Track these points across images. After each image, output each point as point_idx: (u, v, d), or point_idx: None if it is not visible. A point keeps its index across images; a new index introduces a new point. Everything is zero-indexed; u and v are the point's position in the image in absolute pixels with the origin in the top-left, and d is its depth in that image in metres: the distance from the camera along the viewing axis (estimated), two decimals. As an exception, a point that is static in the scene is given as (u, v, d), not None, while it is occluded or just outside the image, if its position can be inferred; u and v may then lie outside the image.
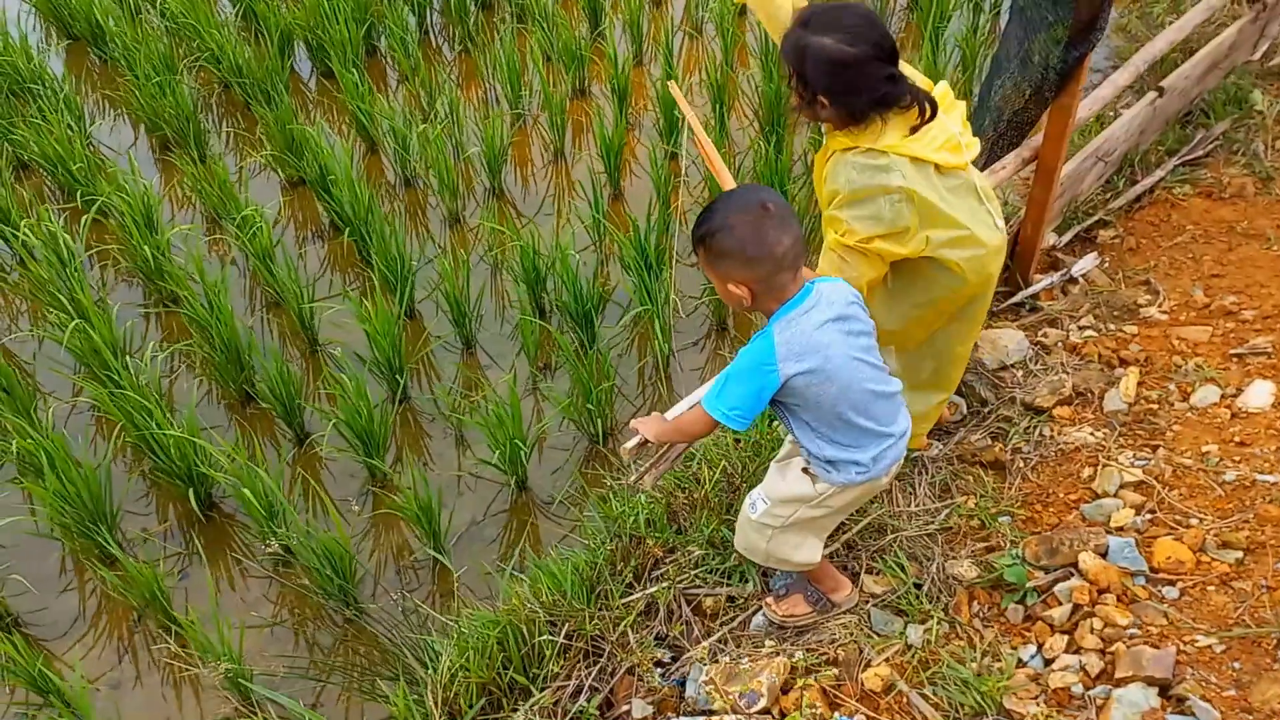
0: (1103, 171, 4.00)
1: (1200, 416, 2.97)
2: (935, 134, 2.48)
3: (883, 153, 2.42)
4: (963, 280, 2.62)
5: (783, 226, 2.12)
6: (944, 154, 2.50)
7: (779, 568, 2.67)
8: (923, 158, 2.45)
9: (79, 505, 3.45)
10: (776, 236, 2.11)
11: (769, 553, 2.59)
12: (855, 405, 2.26)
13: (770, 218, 2.11)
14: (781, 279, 2.17)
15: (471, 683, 2.71)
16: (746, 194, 2.20)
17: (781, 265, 2.14)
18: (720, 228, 2.13)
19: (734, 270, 2.16)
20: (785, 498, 2.47)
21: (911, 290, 2.69)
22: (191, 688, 3.34)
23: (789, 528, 2.51)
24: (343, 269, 4.85)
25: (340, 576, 3.30)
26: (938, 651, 2.53)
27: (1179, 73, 4.11)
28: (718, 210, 2.16)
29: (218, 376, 4.13)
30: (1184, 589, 2.46)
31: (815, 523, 2.51)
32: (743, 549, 2.68)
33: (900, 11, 6.24)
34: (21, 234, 4.48)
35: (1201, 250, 3.70)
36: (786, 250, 2.12)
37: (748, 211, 2.12)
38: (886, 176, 2.42)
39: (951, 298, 2.68)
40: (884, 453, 2.33)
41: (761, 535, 2.56)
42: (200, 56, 5.85)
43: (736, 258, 2.14)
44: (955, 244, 2.56)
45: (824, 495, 2.40)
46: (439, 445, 4.07)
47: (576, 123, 5.60)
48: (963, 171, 2.57)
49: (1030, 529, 2.80)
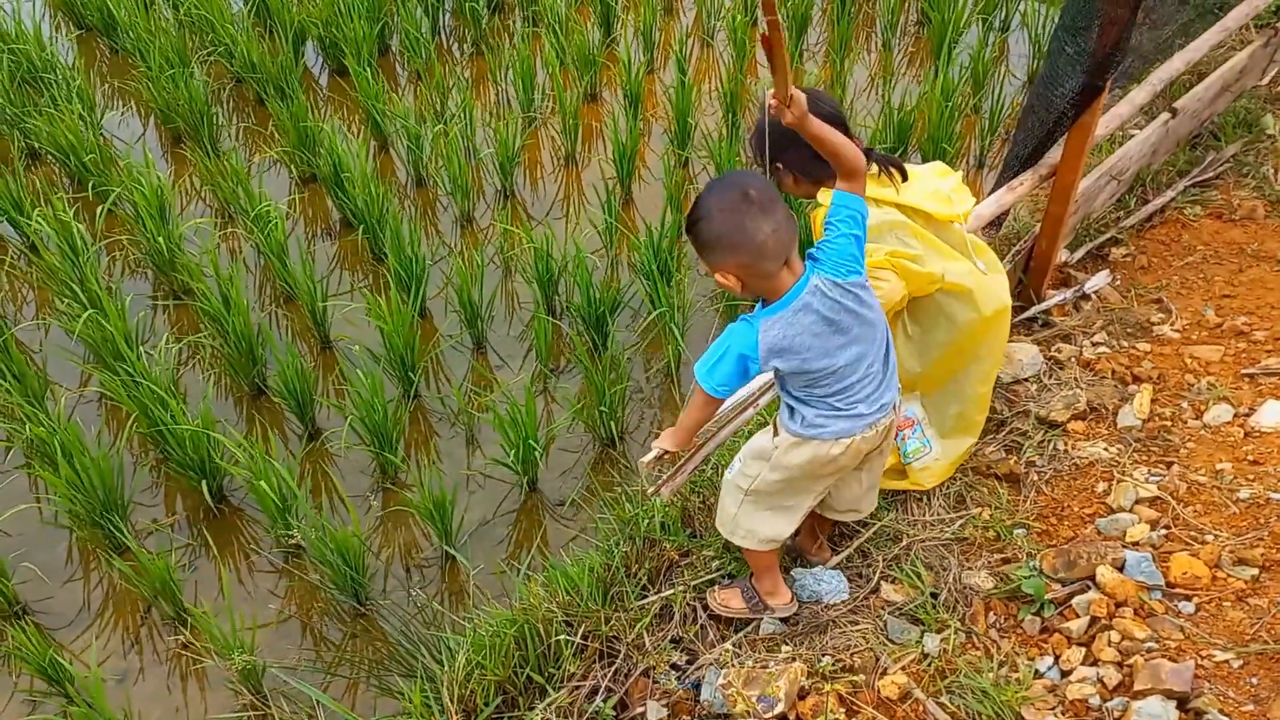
0: (1115, 190, 4.05)
1: (1214, 434, 3.00)
2: (918, 188, 2.72)
3: (875, 201, 2.64)
4: (978, 312, 2.78)
5: (764, 214, 2.11)
6: (931, 203, 2.71)
7: (743, 543, 2.69)
8: (912, 205, 2.68)
9: (90, 494, 3.44)
10: (757, 225, 2.11)
11: (737, 521, 2.64)
12: (828, 389, 2.36)
13: (751, 205, 2.11)
14: (766, 267, 2.17)
15: (488, 680, 2.72)
16: (729, 181, 2.20)
17: (764, 254, 2.14)
18: (702, 217, 2.16)
19: (718, 259, 2.18)
20: (753, 453, 2.59)
21: (935, 330, 2.85)
22: (199, 680, 3.34)
23: (756, 494, 2.58)
24: (352, 266, 4.86)
25: (354, 571, 3.30)
26: (954, 661, 2.55)
27: (1191, 95, 4.16)
28: (703, 199, 2.18)
29: (230, 370, 4.13)
30: (1200, 604, 2.48)
31: (777, 491, 2.56)
32: (719, 522, 2.75)
33: (911, 28, 6.29)
34: (34, 223, 4.47)
35: (1212, 270, 3.74)
36: (768, 238, 2.12)
37: (728, 200, 2.13)
38: (884, 214, 2.66)
39: (971, 333, 2.82)
40: (843, 426, 2.39)
41: (734, 499, 2.63)
42: (213, 51, 5.85)
43: (718, 247, 2.16)
44: (964, 274, 2.75)
45: (779, 450, 2.49)
46: (448, 444, 4.08)
47: (588, 127, 5.62)
48: (955, 224, 2.78)
49: (1046, 542, 2.82)
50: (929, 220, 2.71)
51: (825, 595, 2.85)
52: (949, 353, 2.89)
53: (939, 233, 2.74)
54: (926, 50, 6.01)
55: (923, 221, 2.70)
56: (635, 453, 3.96)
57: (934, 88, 5.01)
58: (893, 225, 2.67)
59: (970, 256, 2.80)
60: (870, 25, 6.32)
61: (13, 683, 3.32)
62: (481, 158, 5.31)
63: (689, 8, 6.59)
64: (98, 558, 3.64)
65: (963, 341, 2.84)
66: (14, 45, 5.57)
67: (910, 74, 5.96)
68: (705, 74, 6.05)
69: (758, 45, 6.08)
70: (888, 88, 5.49)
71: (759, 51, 6.07)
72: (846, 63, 5.63)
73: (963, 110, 5.19)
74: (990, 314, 2.80)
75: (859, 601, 2.83)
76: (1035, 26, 5.70)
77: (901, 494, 3.11)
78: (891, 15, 6.07)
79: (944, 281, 2.72)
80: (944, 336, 2.85)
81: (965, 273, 2.75)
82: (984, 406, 3.04)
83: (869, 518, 3.06)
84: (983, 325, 2.81)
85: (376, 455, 3.80)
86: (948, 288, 2.74)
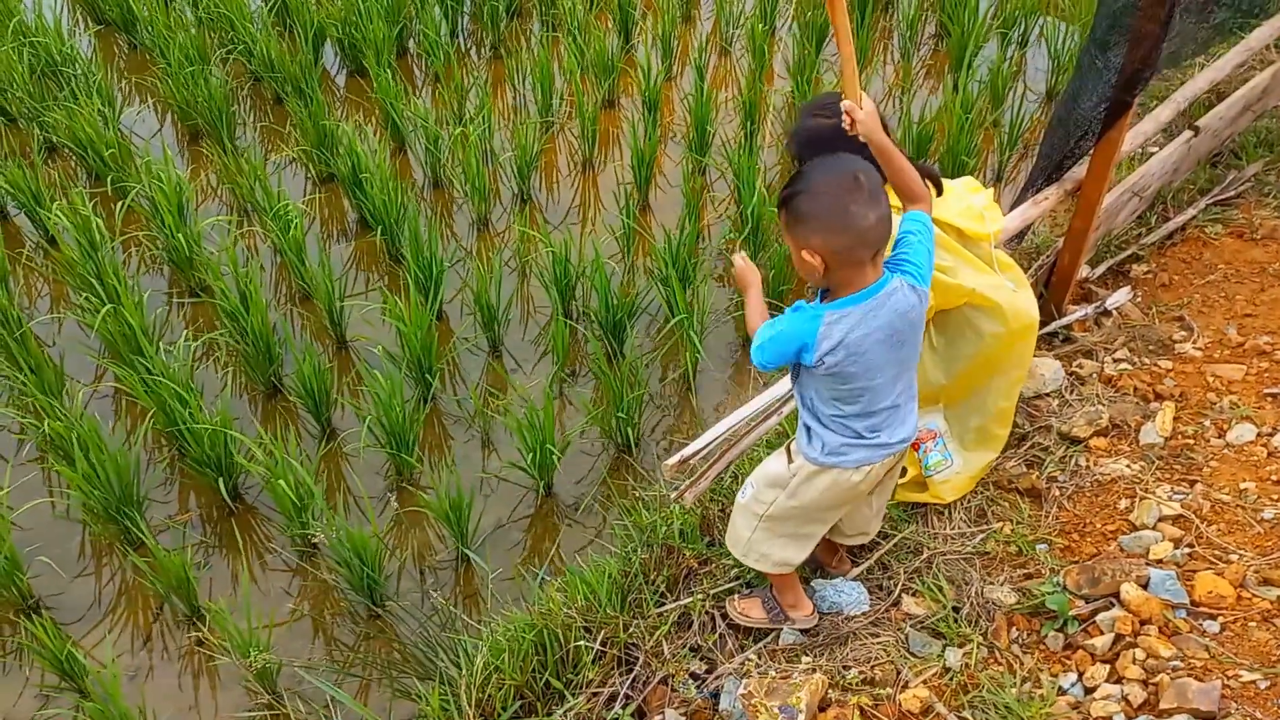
0: (1136, 207, 4.04)
1: (1237, 454, 2.99)
2: (954, 202, 2.72)
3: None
4: (1005, 326, 2.79)
5: (871, 202, 2.07)
6: (964, 220, 2.72)
7: (756, 565, 2.68)
8: (946, 220, 2.67)
9: (106, 489, 3.44)
10: (862, 211, 2.06)
11: (750, 544, 2.63)
12: (858, 409, 2.32)
13: (860, 190, 2.06)
14: (859, 255, 2.12)
15: (506, 685, 2.71)
16: (840, 163, 2.13)
17: (863, 241, 2.10)
18: (806, 190, 2.10)
19: (811, 237, 2.11)
20: (767, 480, 2.55)
21: (961, 342, 2.86)
22: (212, 677, 3.33)
23: (771, 520, 2.56)
24: (368, 267, 4.85)
25: (371, 571, 3.29)
26: (976, 676, 2.54)
27: (1214, 113, 4.15)
28: (808, 174, 2.12)
29: (246, 368, 4.13)
30: (1225, 624, 2.47)
31: (794, 518, 2.54)
32: (729, 541, 2.73)
33: (929, 40, 6.30)
34: (53, 216, 4.47)
35: (1234, 289, 3.74)
36: (870, 227, 2.08)
37: (838, 180, 2.08)
38: None
39: (997, 347, 2.83)
40: (864, 455, 2.37)
41: (748, 523, 2.61)
42: (233, 49, 5.86)
43: (817, 224, 2.10)
44: (993, 288, 2.76)
45: (796, 477, 2.45)
46: (464, 446, 4.07)
47: (605, 133, 5.62)
48: (986, 242, 2.78)
49: (1068, 558, 2.81)
50: (960, 236, 2.72)
51: (846, 607, 2.84)
52: (974, 365, 2.90)
53: (970, 249, 2.74)
54: (945, 63, 6.01)
55: (954, 237, 2.70)
56: (651, 459, 3.95)
57: (953, 101, 5.01)
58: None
59: (998, 273, 2.81)
60: (888, 37, 6.33)
61: (24, 677, 3.31)
62: (500, 161, 5.30)
63: (707, 15, 6.60)
64: (112, 553, 3.64)
65: (989, 354, 2.85)
66: (35, 39, 5.58)
67: (929, 86, 5.96)
68: (723, 82, 6.05)
69: (776, 54, 6.10)
70: (907, 99, 5.49)
71: (776, 59, 6.08)
72: (865, 74, 5.63)
73: (982, 123, 5.19)
74: (1017, 328, 2.81)
75: (880, 614, 2.82)
76: (1055, 42, 5.70)
77: (922, 506, 3.10)
78: (910, 28, 6.07)
79: (973, 295, 2.72)
80: (970, 349, 2.85)
81: (994, 287, 2.75)
82: (1006, 421, 3.04)
83: (889, 529, 3.06)
84: (1009, 339, 2.82)
85: (393, 456, 3.79)
86: (976, 301, 2.75)
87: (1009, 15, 6.00)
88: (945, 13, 6.11)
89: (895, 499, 3.07)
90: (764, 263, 4.48)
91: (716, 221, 5.03)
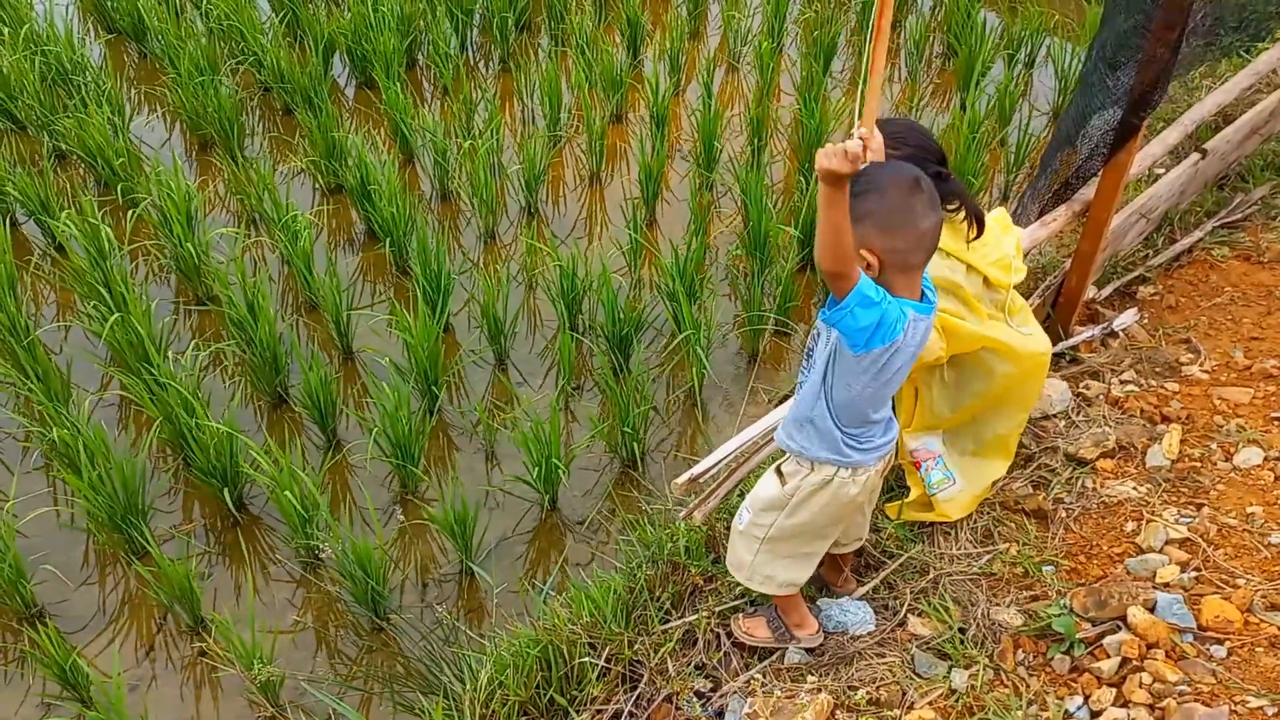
0: (1144, 229, 4.05)
1: (1244, 477, 2.99)
2: (990, 249, 2.73)
3: (944, 252, 2.64)
4: (1017, 366, 2.83)
5: (931, 206, 2.10)
6: (996, 270, 2.75)
7: (761, 588, 2.68)
8: (977, 267, 2.70)
9: (112, 498, 3.44)
10: (924, 212, 2.09)
11: (754, 568, 2.62)
12: (865, 413, 2.34)
13: (922, 194, 2.08)
14: (915, 259, 2.14)
15: (510, 700, 2.70)
16: (902, 167, 2.17)
17: (921, 244, 2.11)
18: (873, 188, 2.09)
19: (871, 235, 2.09)
20: (762, 504, 2.55)
21: (973, 380, 2.88)
22: (214, 688, 3.32)
23: (773, 542, 2.55)
24: (376, 278, 4.86)
25: (376, 584, 3.29)
26: (982, 698, 2.53)
27: (1221, 136, 4.17)
28: (872, 173, 2.11)
29: (253, 378, 4.13)
30: (1232, 649, 2.47)
31: (795, 537, 2.54)
32: (731, 565, 2.72)
33: (936, 60, 6.32)
34: (62, 224, 4.48)
35: (1240, 312, 3.74)
36: (928, 231, 2.10)
37: (903, 180, 2.09)
38: (950, 270, 2.67)
39: (1007, 385, 2.88)
40: (860, 457, 2.39)
41: (748, 548, 2.61)
42: (243, 59, 5.89)
43: (879, 222, 2.09)
44: (1007, 335, 2.81)
45: (792, 497, 2.46)
46: (469, 459, 4.07)
47: (613, 147, 5.64)
48: (1005, 291, 2.81)
49: (1074, 580, 2.81)
50: (986, 282, 2.75)
51: (851, 626, 2.83)
52: (980, 401, 2.95)
53: (992, 296, 2.78)
54: (951, 82, 6.04)
55: (981, 283, 2.74)
56: (657, 474, 3.95)
57: (960, 120, 5.03)
58: (952, 286, 2.69)
59: (1011, 321, 2.86)
60: (895, 57, 6.35)
61: (27, 685, 3.31)
62: (508, 174, 5.32)
63: (714, 32, 6.63)
64: (116, 562, 3.63)
65: (997, 392, 2.90)
66: (45, 46, 5.60)
67: (935, 105, 5.98)
68: (731, 98, 6.07)
69: (783, 71, 6.12)
70: (915, 118, 5.51)
71: (783, 77, 6.11)
72: (872, 92, 5.64)
73: (988, 143, 5.21)
74: (1030, 366, 2.87)
75: (886, 634, 2.81)
76: (1062, 63, 5.72)
77: (928, 526, 3.10)
78: (917, 47, 6.10)
79: (988, 340, 2.77)
80: (980, 386, 2.89)
81: (1008, 334, 2.80)
82: (1003, 447, 3.07)
83: (895, 550, 3.06)
84: (1020, 377, 2.88)
85: (398, 468, 3.79)
86: (990, 345, 2.79)
87: (1015, 36, 6.03)
88: (952, 33, 6.14)
89: (903, 519, 3.07)
90: (771, 280, 4.49)
91: (723, 237, 5.04)
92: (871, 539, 3.07)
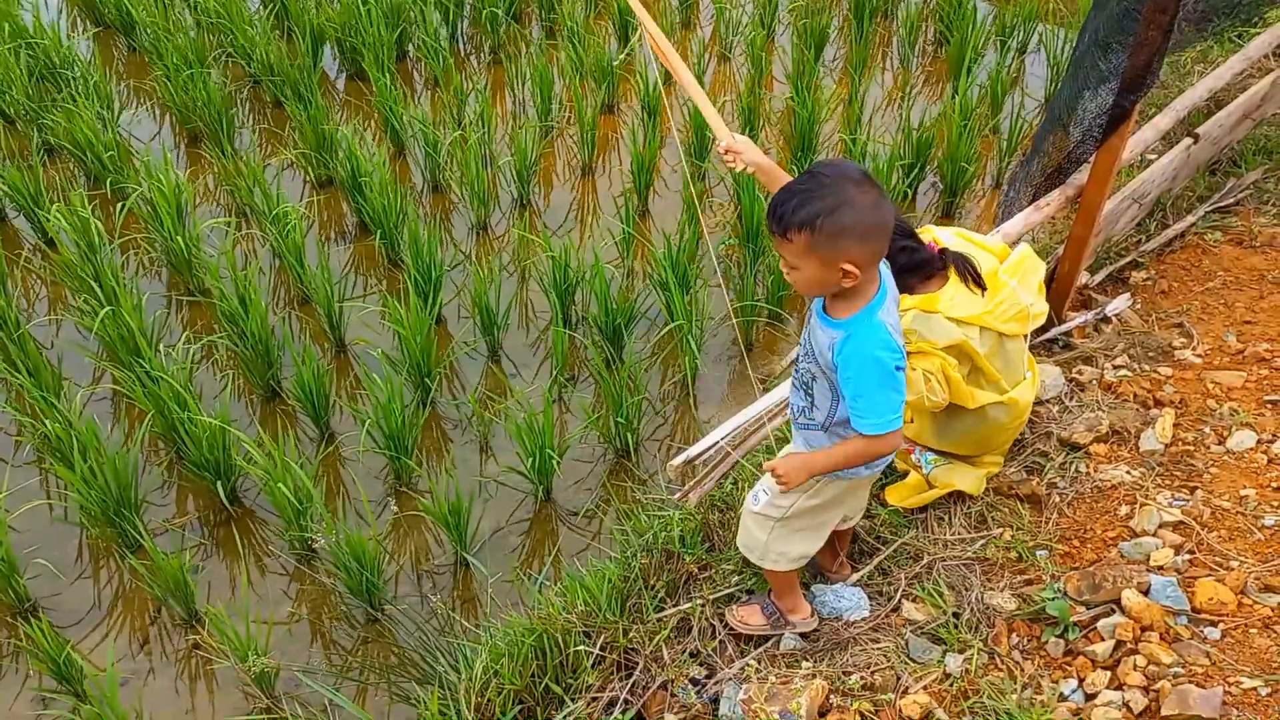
0: (1136, 214, 4.05)
1: (1237, 461, 2.99)
2: (1008, 305, 2.77)
3: (959, 321, 2.70)
4: (1012, 419, 2.94)
5: (884, 195, 2.06)
6: (1013, 326, 2.79)
7: (774, 566, 2.67)
8: (996, 329, 2.76)
9: (104, 492, 3.42)
10: (885, 204, 2.04)
11: (768, 547, 2.62)
12: None
13: (875, 187, 2.03)
14: (883, 248, 2.11)
15: (505, 689, 2.69)
16: (844, 167, 2.07)
17: (888, 234, 2.09)
18: (840, 204, 1.99)
19: (852, 247, 2.02)
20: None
21: (965, 418, 2.93)
22: (209, 681, 3.32)
23: (788, 519, 2.56)
24: (367, 271, 4.85)
25: (370, 575, 3.28)
26: (977, 681, 2.53)
27: (1214, 121, 4.16)
28: (822, 187, 2.01)
29: (245, 371, 4.12)
30: (1226, 630, 2.47)
31: (814, 515, 2.56)
32: (743, 545, 2.72)
33: (929, 47, 6.31)
34: (52, 217, 4.46)
35: (1233, 296, 3.74)
36: (891, 219, 2.07)
37: (857, 185, 2.01)
38: (966, 333, 2.72)
39: (997, 428, 2.96)
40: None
41: (762, 528, 2.61)
42: (231, 52, 5.86)
43: (858, 233, 2.01)
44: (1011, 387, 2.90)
45: (820, 482, 2.46)
46: (462, 451, 4.07)
47: (604, 138, 5.63)
48: (1022, 339, 2.88)
49: (1068, 564, 2.81)
50: (999, 336, 2.79)
51: (846, 612, 2.83)
52: (967, 439, 3.01)
53: (1006, 346, 2.82)
54: (944, 70, 6.03)
55: (995, 338, 2.78)
56: (650, 464, 3.95)
57: (952, 107, 5.03)
58: (964, 347, 2.74)
59: (1023, 368, 2.93)
60: (888, 44, 6.34)
61: (22, 679, 3.30)
62: (499, 166, 5.30)
63: (706, 22, 6.61)
64: (109, 556, 3.62)
65: (986, 433, 2.97)
66: (33, 40, 5.57)
67: (928, 93, 5.97)
68: (723, 87, 6.06)
69: (775, 60, 6.10)
70: (906, 106, 5.50)
71: (775, 65, 6.09)
72: (864, 81, 5.64)
73: (980, 130, 5.21)
74: (1020, 412, 2.95)
75: (880, 619, 2.81)
76: (1054, 50, 5.72)
77: (922, 512, 3.10)
78: (910, 34, 6.09)
79: (987, 401, 2.85)
80: (971, 425, 2.94)
81: (1012, 386, 2.88)
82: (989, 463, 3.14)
83: (888, 535, 3.06)
84: (1009, 424, 2.96)
85: (392, 460, 3.78)
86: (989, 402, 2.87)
87: (1007, 23, 6.02)
88: (944, 20, 6.13)
89: (909, 506, 3.08)
90: (764, 269, 4.48)
91: (714, 229, 5.04)
92: (865, 525, 3.08)
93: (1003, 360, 2.85)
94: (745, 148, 2.39)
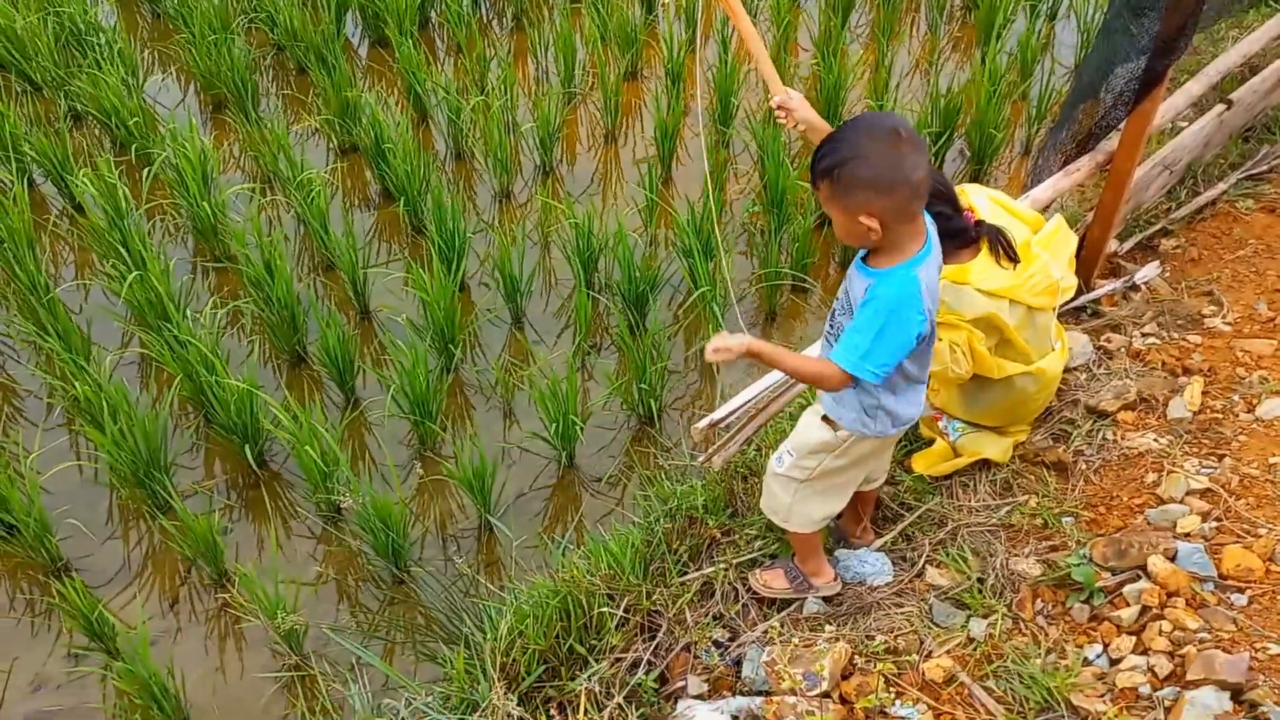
0: (1166, 181, 4.00)
1: (1266, 429, 2.97)
2: (1039, 279, 2.78)
3: (990, 294, 2.71)
4: (1041, 389, 2.94)
5: (918, 152, 2.04)
6: (1042, 299, 2.80)
7: (798, 528, 2.68)
8: (1025, 302, 2.77)
9: (134, 454, 3.47)
10: (914, 161, 2.02)
11: (791, 508, 2.63)
12: (920, 365, 2.37)
13: (904, 143, 2.02)
14: (914, 208, 2.10)
15: (530, 649, 2.72)
16: (874, 120, 2.11)
17: (918, 193, 2.07)
18: (853, 156, 2.03)
19: (869, 200, 2.05)
20: (811, 448, 2.54)
21: (993, 390, 2.93)
22: (238, 640, 3.36)
23: (813, 480, 2.57)
24: (390, 238, 4.86)
25: (397, 537, 3.31)
26: (1000, 646, 2.54)
27: (1248, 86, 4.10)
28: (846, 138, 2.07)
29: (271, 336, 4.14)
30: (1253, 597, 2.46)
31: (838, 475, 2.57)
32: (766, 508, 2.74)
33: (958, 13, 6.22)
34: (79, 183, 4.49)
35: (1264, 265, 3.70)
36: (922, 178, 2.06)
37: (881, 138, 2.03)
38: (995, 305, 2.74)
39: (1024, 399, 2.96)
40: (912, 414, 2.44)
41: (786, 490, 2.62)
42: (255, 18, 5.85)
43: (873, 186, 2.04)
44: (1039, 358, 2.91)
45: (845, 442, 2.48)
46: (485, 417, 4.09)
47: (627, 105, 5.59)
48: (1051, 311, 2.89)
49: (1094, 531, 2.80)
50: (1029, 309, 2.80)
51: (869, 577, 2.84)
52: (994, 409, 3.01)
53: (1036, 318, 2.83)
54: (972, 35, 5.95)
55: (1023, 311, 2.79)
56: (673, 431, 3.96)
57: (981, 73, 4.96)
58: (993, 319, 2.76)
59: (1051, 340, 2.94)
60: (915, 9, 6.26)
61: (55, 637, 3.36)
62: (522, 132, 5.29)
63: (731, -13, 6.53)
64: (139, 517, 3.67)
65: (1013, 404, 2.97)
66: (59, 7, 5.58)
67: (956, 59, 5.90)
68: (747, 54, 5.99)
69: (800, 26, 6.04)
70: (934, 72, 5.43)
71: (801, 31, 6.03)
72: (891, 46, 5.58)
73: (1010, 96, 5.14)
74: (1048, 382, 2.96)
75: (904, 584, 2.82)
76: (1085, 15, 5.63)
77: (947, 479, 3.10)
78: (938, 1, 6.00)
79: (1014, 371, 2.86)
80: (999, 396, 2.94)
81: (1040, 357, 2.89)
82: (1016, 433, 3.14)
83: (913, 502, 3.06)
84: (1037, 394, 2.97)
85: (416, 425, 3.81)
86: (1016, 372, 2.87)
87: (1037, -12, 5.93)
88: (972, -15, 6.04)
89: (935, 474, 3.08)
90: (788, 236, 4.46)
91: (739, 197, 5.01)
92: (889, 491, 3.08)
93: (1032, 332, 2.84)
94: (799, 105, 2.36)
